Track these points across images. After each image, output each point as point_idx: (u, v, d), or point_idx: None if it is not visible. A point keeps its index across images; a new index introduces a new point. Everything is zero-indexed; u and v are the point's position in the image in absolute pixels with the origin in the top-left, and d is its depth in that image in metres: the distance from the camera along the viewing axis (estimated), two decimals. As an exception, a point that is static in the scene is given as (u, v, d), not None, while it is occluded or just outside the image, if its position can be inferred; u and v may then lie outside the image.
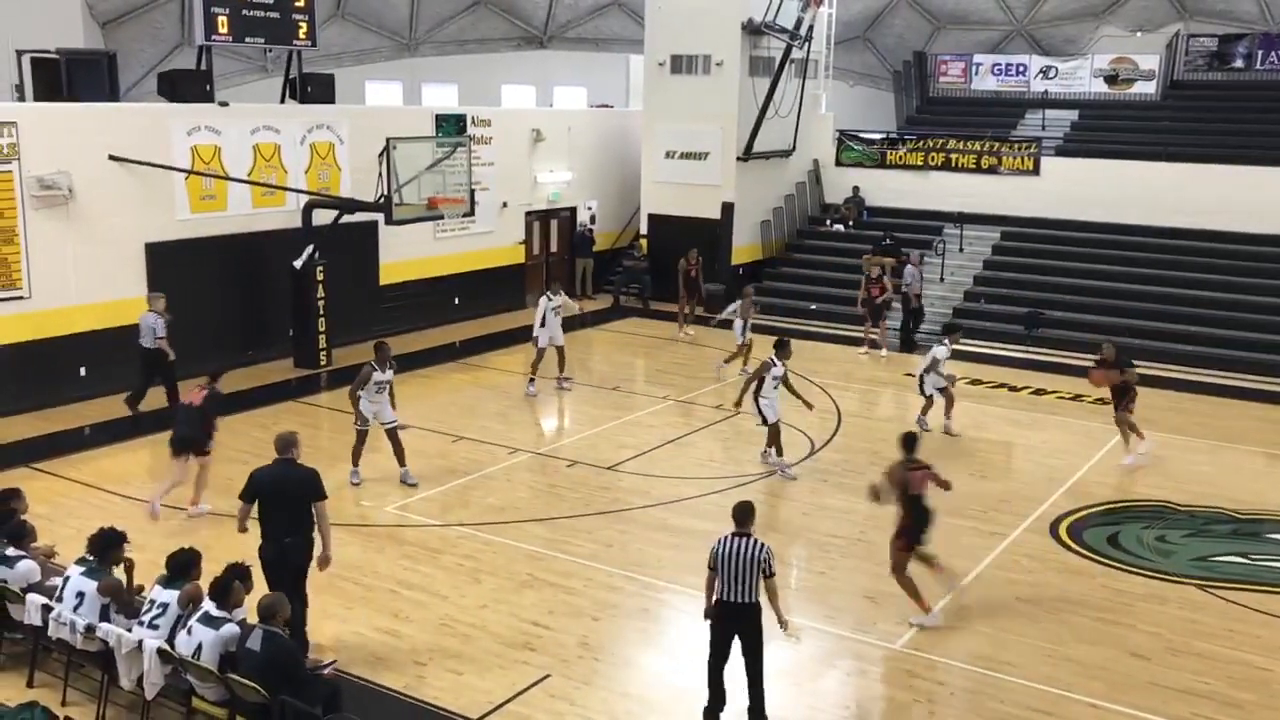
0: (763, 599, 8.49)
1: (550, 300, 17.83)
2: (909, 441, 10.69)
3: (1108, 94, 29.80)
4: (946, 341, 16.58)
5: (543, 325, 17.70)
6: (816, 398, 17.79)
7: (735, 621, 8.52)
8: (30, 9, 22.35)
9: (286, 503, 9.17)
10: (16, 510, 9.59)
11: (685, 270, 22.43)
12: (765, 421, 14.42)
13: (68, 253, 16.51)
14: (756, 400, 14.47)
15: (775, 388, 14.40)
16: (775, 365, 14.36)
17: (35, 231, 16.06)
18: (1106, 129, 28.19)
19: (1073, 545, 12.38)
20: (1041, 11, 31.18)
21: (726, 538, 8.51)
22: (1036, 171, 25.11)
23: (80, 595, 8.52)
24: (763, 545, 8.43)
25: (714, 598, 8.55)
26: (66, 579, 8.73)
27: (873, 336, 21.19)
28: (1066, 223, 24.47)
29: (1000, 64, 31.25)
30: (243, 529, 9.44)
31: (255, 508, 9.36)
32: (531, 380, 17.85)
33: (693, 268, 22.49)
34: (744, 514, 8.62)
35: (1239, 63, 29.23)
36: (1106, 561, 11.98)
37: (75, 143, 16.42)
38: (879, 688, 9.33)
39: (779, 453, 14.53)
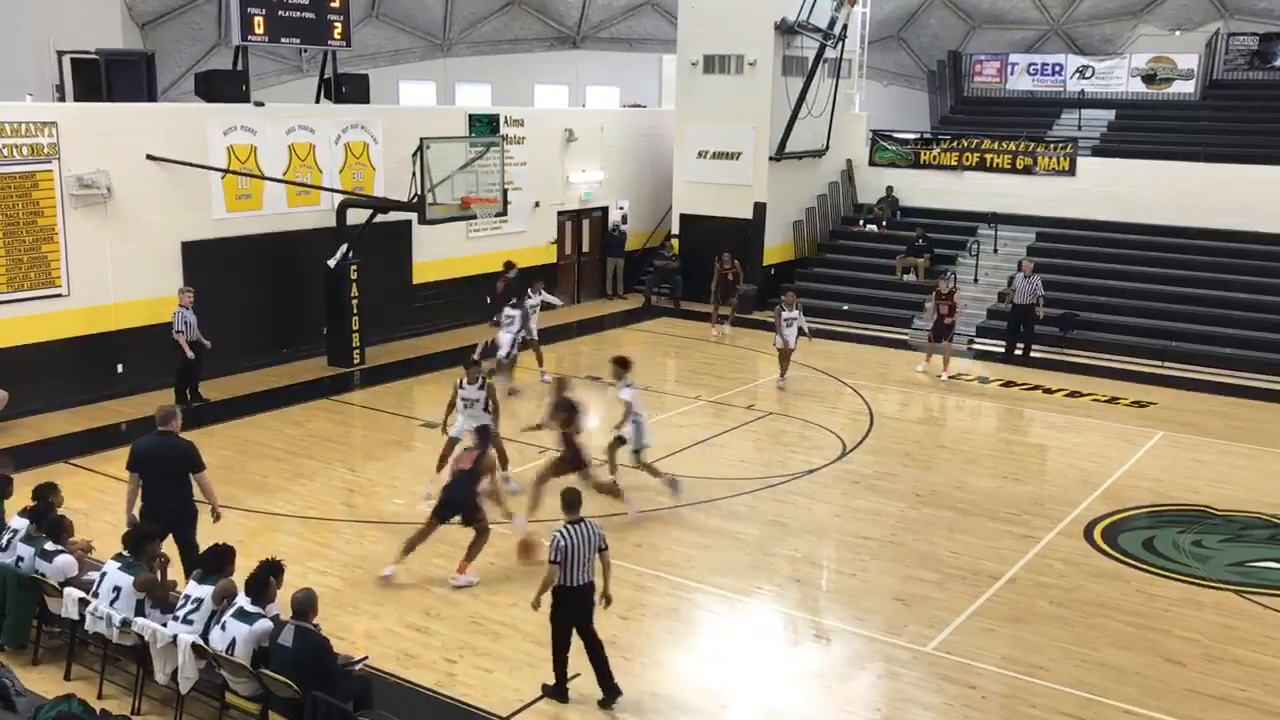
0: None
1: (531, 297, 18.49)
2: None
3: (1145, 94, 29.47)
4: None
5: (528, 320, 18.13)
6: (848, 400, 17.80)
7: (579, 602, 8.80)
8: (71, 10, 22.67)
9: (165, 472, 9.83)
10: (54, 505, 9.72)
11: (721, 273, 22.29)
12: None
13: (106, 251, 16.71)
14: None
15: None
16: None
17: (74, 230, 16.27)
18: (1144, 129, 27.88)
19: (1107, 549, 12.25)
20: (1078, 11, 30.90)
21: (566, 529, 8.68)
22: (1072, 172, 24.87)
23: (117, 590, 8.62)
24: (596, 525, 8.85)
25: (553, 586, 8.75)
26: (104, 574, 8.84)
27: (936, 356, 19.51)
28: (1102, 224, 24.22)
29: (1036, 63, 30.97)
30: (131, 500, 9.87)
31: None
32: (544, 372, 18.09)
33: (729, 270, 22.29)
34: (574, 500, 8.91)
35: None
36: (1142, 566, 11.85)
37: (114, 142, 16.61)
38: (910, 690, 9.27)
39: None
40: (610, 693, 8.86)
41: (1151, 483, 14.36)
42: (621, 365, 13.57)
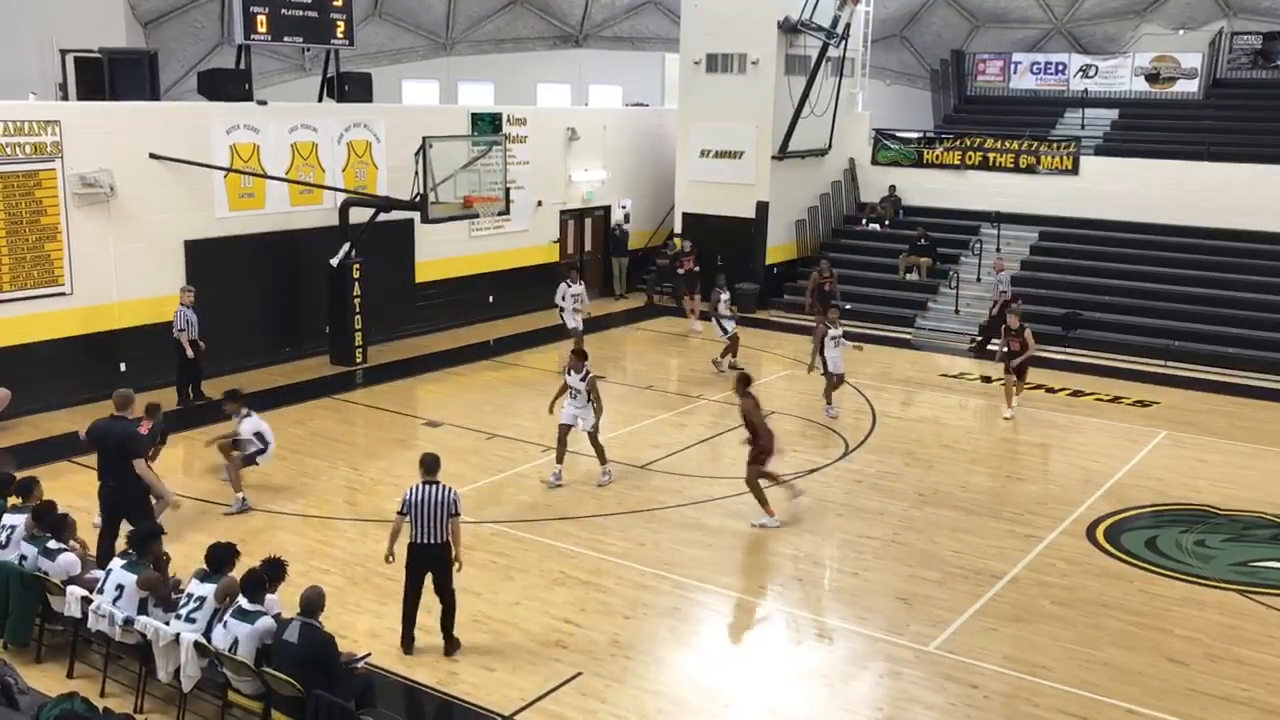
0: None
1: (570, 287, 19.15)
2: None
3: (1149, 92, 29.43)
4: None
5: (563, 311, 18.97)
6: (851, 398, 17.78)
7: (427, 561, 9.40)
8: (74, 9, 22.69)
9: (106, 452, 10.44)
10: (39, 499, 9.77)
11: (818, 283, 21.41)
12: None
13: (109, 250, 16.73)
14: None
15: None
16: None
17: (77, 229, 16.29)
18: (1147, 128, 27.84)
19: (1110, 549, 12.25)
20: (1082, 10, 30.84)
21: (417, 485, 9.33)
22: (1075, 171, 24.84)
23: (120, 588, 8.63)
24: (450, 489, 9.35)
25: (408, 542, 9.39)
26: (108, 571, 8.84)
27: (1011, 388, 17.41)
28: (1106, 223, 24.20)
29: (1039, 62, 30.93)
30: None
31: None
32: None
33: (826, 280, 21.37)
34: (433, 464, 9.50)
35: (1284, 61, 28.80)
36: (1144, 565, 11.84)
37: (117, 141, 16.63)
38: (912, 690, 9.27)
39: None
40: (450, 644, 9.61)
41: (1154, 482, 14.35)
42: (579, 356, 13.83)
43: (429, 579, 9.51)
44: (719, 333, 19.53)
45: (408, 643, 9.58)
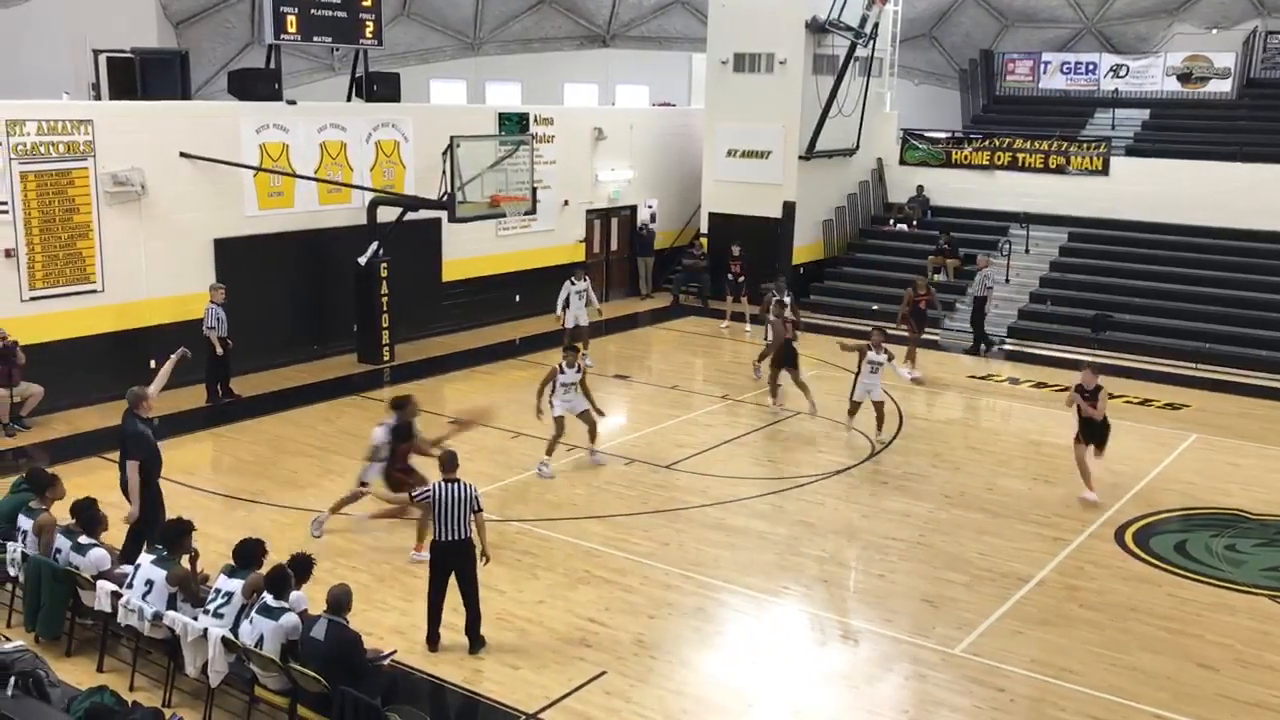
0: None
1: (574, 285, 19.13)
2: None
3: (1181, 92, 29.16)
4: None
5: (566, 307, 18.99)
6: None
7: (452, 558, 9.44)
8: (107, 10, 22.92)
9: (121, 453, 10.63)
10: (49, 499, 9.93)
11: (914, 300, 19.44)
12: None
13: (139, 248, 16.88)
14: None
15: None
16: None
17: (109, 227, 16.44)
18: (1179, 128, 27.58)
19: (1139, 552, 12.14)
20: (1113, 9, 30.57)
21: (440, 484, 9.44)
22: (1105, 172, 24.63)
23: (149, 583, 8.72)
24: (470, 486, 9.44)
25: (430, 540, 9.58)
26: (137, 566, 8.93)
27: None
28: (1136, 224, 23.98)
29: (1069, 62, 30.71)
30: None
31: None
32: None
33: (923, 298, 19.56)
34: (451, 462, 9.67)
35: (1319, 60, 28.48)
36: (1174, 570, 11.73)
37: (148, 140, 16.77)
38: (937, 693, 9.22)
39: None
40: (475, 643, 9.60)
41: (1184, 486, 14.21)
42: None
43: (453, 577, 9.53)
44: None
45: (433, 641, 9.61)
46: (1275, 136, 25.95)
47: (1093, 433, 13.58)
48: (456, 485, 9.43)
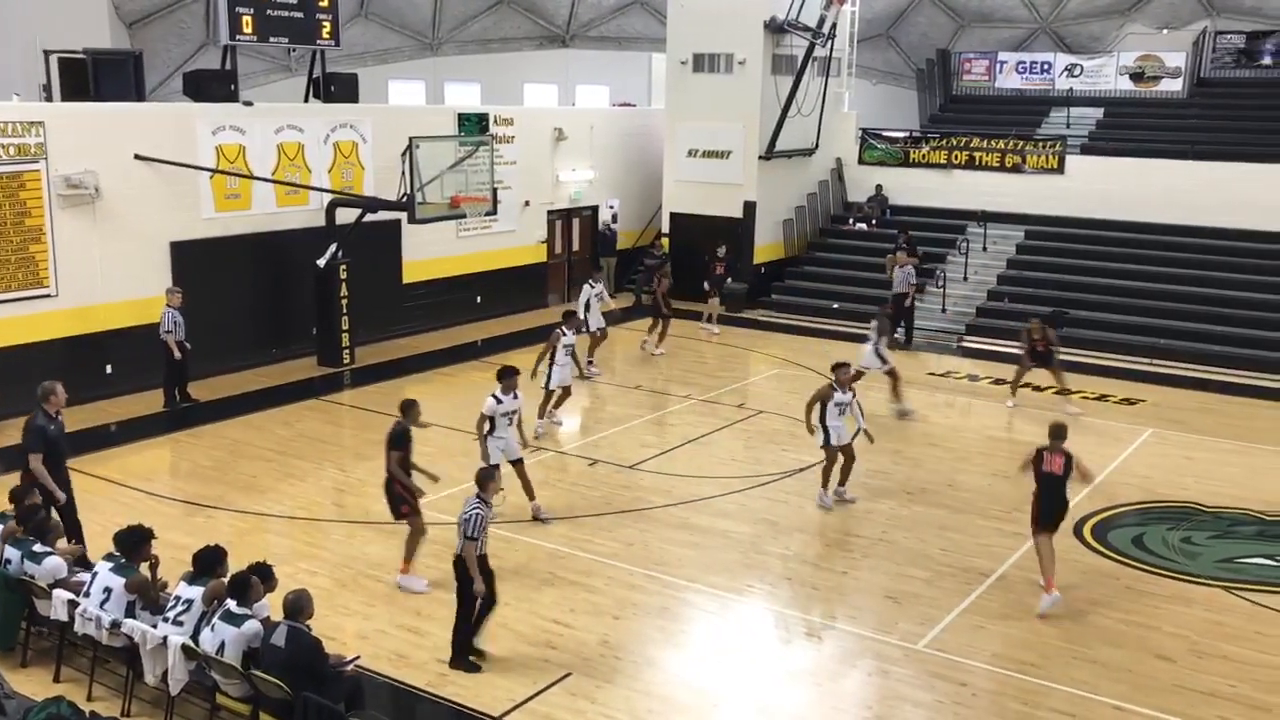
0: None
1: (593, 288, 19.25)
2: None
3: (1133, 92, 29.57)
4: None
5: (588, 310, 18.91)
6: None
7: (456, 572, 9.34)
8: (57, 10, 22.60)
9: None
10: (29, 509, 9.72)
11: (1032, 345, 17.83)
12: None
13: (94, 251, 16.64)
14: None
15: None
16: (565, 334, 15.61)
17: (62, 230, 16.20)
18: (1132, 127, 27.95)
19: (1097, 546, 12.30)
20: (1066, 9, 30.94)
21: (482, 503, 9.31)
22: (1061, 170, 24.93)
23: (107, 591, 8.59)
24: (463, 511, 9.19)
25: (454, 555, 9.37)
26: (95, 574, 8.80)
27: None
28: (1091, 221, 24.28)
29: (1024, 62, 31.05)
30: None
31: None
32: (590, 362, 18.64)
33: (1039, 343, 17.75)
34: (486, 479, 9.49)
35: (1267, 60, 28.91)
36: (1131, 563, 11.89)
37: (102, 142, 16.55)
38: (900, 688, 9.29)
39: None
40: (456, 655, 9.46)
41: (1141, 480, 14.41)
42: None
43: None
44: (878, 364, 17.10)
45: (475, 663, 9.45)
46: (1225, 135, 26.39)
47: (1054, 506, 10.76)
48: (466, 504, 9.33)
